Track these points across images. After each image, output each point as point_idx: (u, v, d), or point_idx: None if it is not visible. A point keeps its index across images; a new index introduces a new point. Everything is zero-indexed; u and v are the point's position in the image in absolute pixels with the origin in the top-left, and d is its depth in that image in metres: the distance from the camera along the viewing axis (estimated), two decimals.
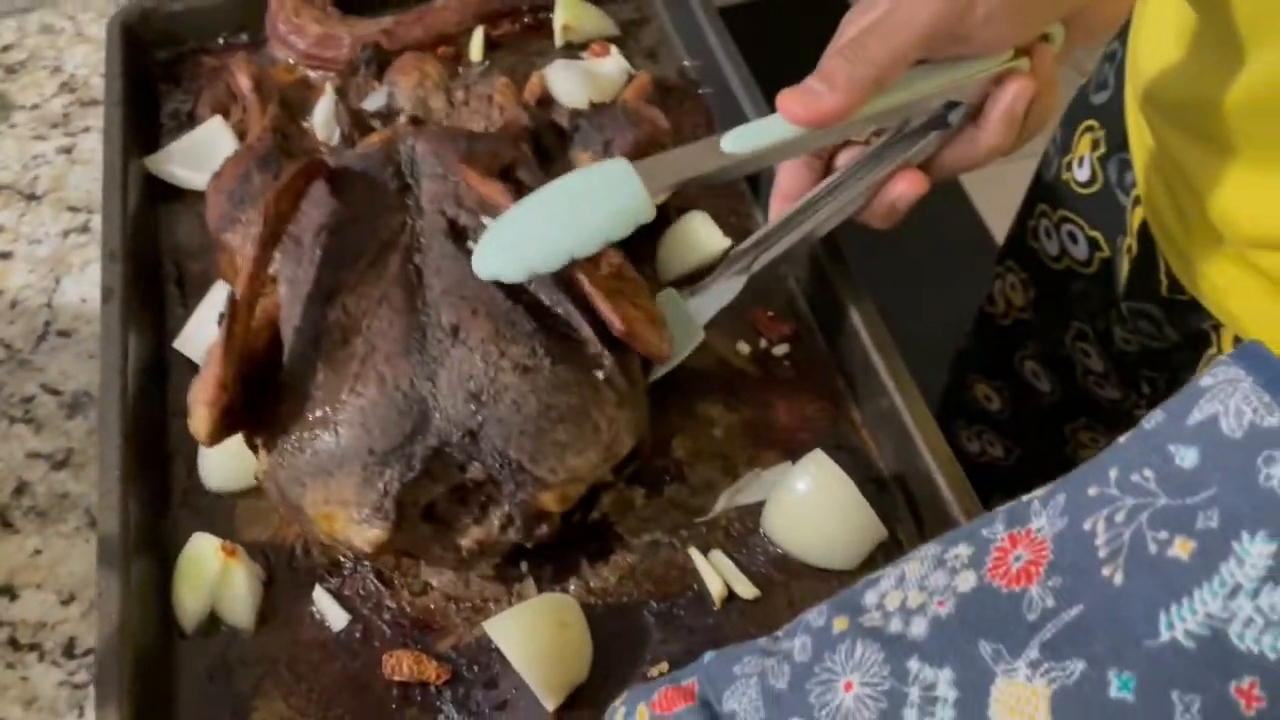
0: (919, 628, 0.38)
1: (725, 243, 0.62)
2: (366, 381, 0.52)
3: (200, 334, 0.62)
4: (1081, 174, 0.76)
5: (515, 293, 0.54)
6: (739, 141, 0.53)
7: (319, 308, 0.55)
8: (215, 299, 0.63)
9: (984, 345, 0.91)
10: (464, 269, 0.54)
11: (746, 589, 0.53)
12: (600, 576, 0.54)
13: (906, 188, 0.53)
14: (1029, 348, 0.87)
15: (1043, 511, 0.38)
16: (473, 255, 0.54)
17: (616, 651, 0.52)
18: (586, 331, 0.54)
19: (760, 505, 0.56)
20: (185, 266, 0.67)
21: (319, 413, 0.52)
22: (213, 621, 0.53)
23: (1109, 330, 0.79)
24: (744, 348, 0.62)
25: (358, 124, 0.71)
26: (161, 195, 0.70)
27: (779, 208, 0.58)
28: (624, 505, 0.57)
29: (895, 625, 0.39)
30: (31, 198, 0.72)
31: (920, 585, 0.40)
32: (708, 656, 0.45)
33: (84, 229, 0.70)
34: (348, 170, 0.61)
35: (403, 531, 0.52)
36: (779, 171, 0.58)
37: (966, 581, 0.38)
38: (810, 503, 0.53)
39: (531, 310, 0.54)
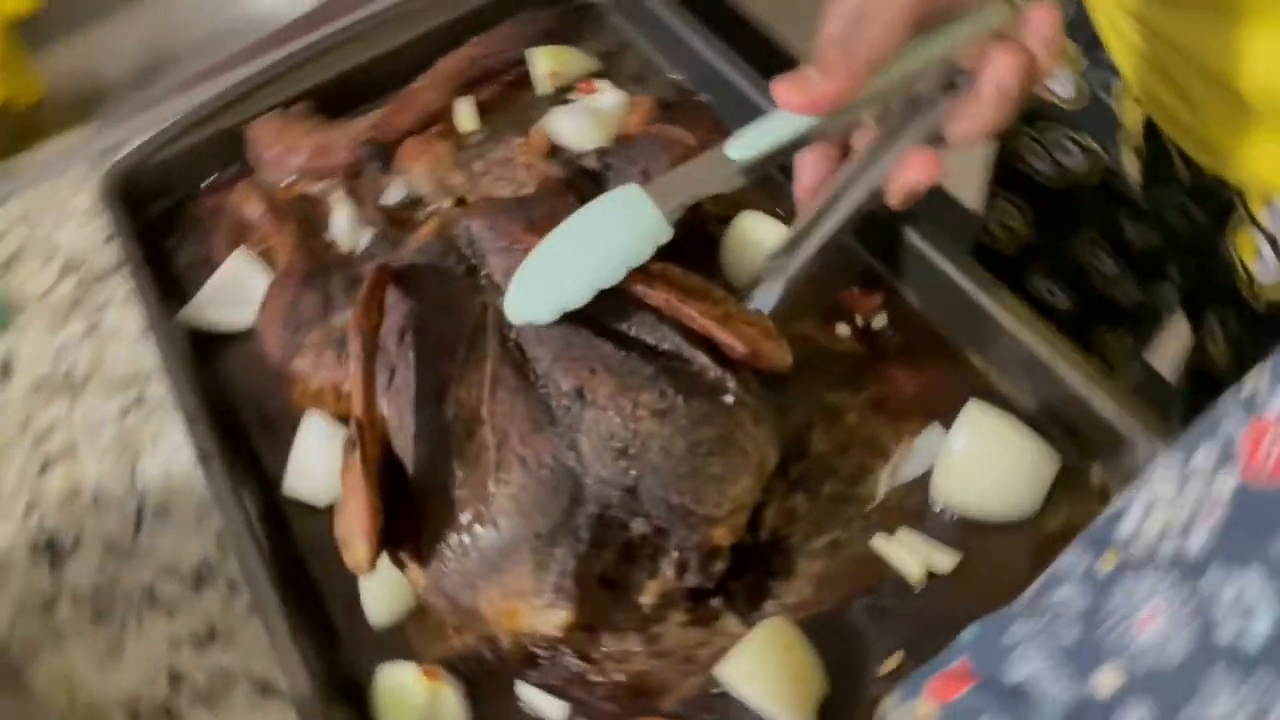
0: (1197, 545, 0.38)
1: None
2: (508, 468, 0.51)
3: (306, 472, 0.60)
4: (1064, 90, 0.77)
5: (624, 341, 0.54)
6: (744, 147, 0.54)
7: (431, 409, 0.54)
8: (309, 434, 0.61)
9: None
10: (564, 332, 0.54)
11: (943, 561, 0.53)
12: (795, 591, 0.53)
13: (920, 172, 0.52)
14: (1038, 267, 0.88)
15: (1276, 390, 0.38)
16: (505, 299, 0.54)
17: (842, 657, 0.51)
18: (701, 360, 0.53)
19: (925, 476, 0.55)
20: (263, 408, 0.65)
21: (470, 512, 0.51)
22: None
23: (1121, 232, 0.80)
24: (843, 330, 0.62)
25: (390, 221, 0.69)
26: (207, 345, 0.68)
27: (804, 201, 0.58)
28: (790, 516, 0.56)
29: (1168, 549, 0.39)
30: (73, 388, 0.69)
31: (1175, 504, 0.39)
32: (964, 636, 0.44)
33: (139, 401, 0.68)
34: (413, 267, 0.60)
35: (586, 606, 0.51)
36: (797, 164, 0.57)
37: (1226, 485, 0.38)
38: (977, 455, 0.53)
39: (644, 354, 0.53)
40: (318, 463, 0.60)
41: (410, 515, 0.53)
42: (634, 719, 0.50)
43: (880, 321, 0.62)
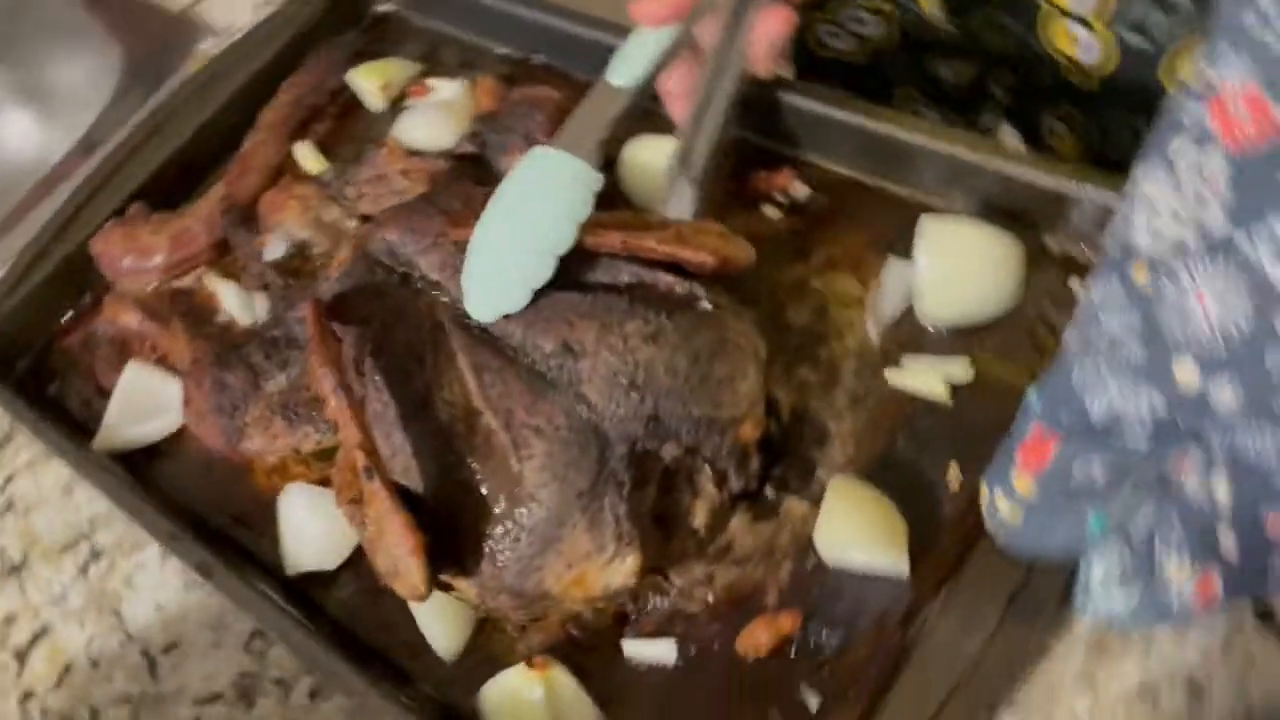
0: (1216, 218, 0.40)
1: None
2: (526, 443, 0.49)
3: (305, 543, 0.57)
4: None
5: (586, 289, 0.53)
6: (623, 72, 0.55)
7: (420, 421, 0.52)
8: (292, 506, 0.58)
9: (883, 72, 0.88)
10: None
11: (959, 371, 0.54)
12: (838, 453, 0.54)
13: (775, 25, 0.56)
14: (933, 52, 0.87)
15: (1218, 66, 0.40)
16: (467, 304, 0.53)
17: (907, 492, 0.51)
18: (665, 279, 0.53)
19: (908, 308, 0.57)
20: (229, 503, 0.60)
21: (503, 499, 0.49)
22: None
23: (936, 78, 0.83)
24: (771, 212, 0.63)
25: (285, 274, 0.66)
26: (140, 465, 0.63)
27: (680, 109, 0.59)
28: (801, 390, 0.56)
29: (1190, 234, 0.41)
30: (15, 569, 0.63)
31: (1176, 195, 0.42)
32: (1028, 403, 0.45)
33: (94, 554, 0.62)
34: (344, 294, 0.57)
35: (649, 546, 0.50)
36: (661, 79, 0.58)
37: (1215, 161, 0.40)
38: (946, 265, 0.55)
39: (611, 294, 0.53)
40: (312, 529, 0.57)
41: (437, 534, 0.50)
42: (745, 627, 0.50)
43: (800, 191, 0.63)
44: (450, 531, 0.50)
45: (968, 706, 0.44)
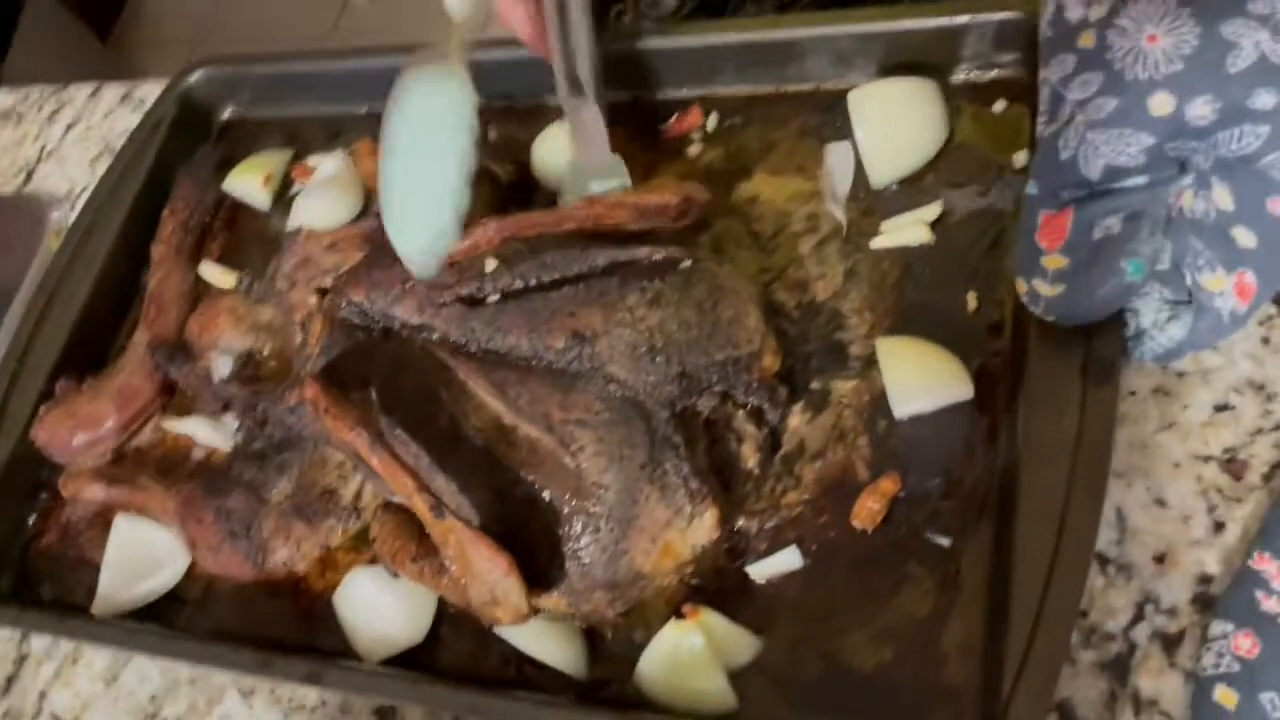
0: None
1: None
2: (572, 438, 0.50)
3: (385, 625, 0.55)
4: None
5: (570, 283, 0.54)
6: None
7: (459, 454, 0.51)
8: (357, 593, 0.56)
9: None
10: (519, 309, 0.53)
11: (932, 211, 0.57)
12: (860, 325, 0.56)
13: None
14: None
15: None
16: (408, 265, 0.53)
17: (934, 322, 0.54)
18: (640, 251, 0.55)
19: (856, 181, 0.60)
20: (283, 622, 0.58)
21: (569, 497, 0.49)
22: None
23: None
24: (696, 150, 0.65)
25: (245, 385, 0.64)
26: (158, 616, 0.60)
27: (535, 36, 0.59)
28: (800, 285, 0.58)
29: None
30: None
31: None
32: (1031, 192, 0.49)
33: None
34: (331, 365, 0.56)
35: (720, 497, 0.51)
36: (503, 14, 0.58)
37: None
38: (881, 126, 0.59)
39: (596, 279, 0.54)
40: (390, 608, 0.55)
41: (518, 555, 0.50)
42: (852, 506, 0.51)
43: (713, 122, 0.65)
44: (524, 551, 0.49)
45: (1088, 486, 0.46)
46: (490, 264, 0.54)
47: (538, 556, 0.49)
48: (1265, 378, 0.49)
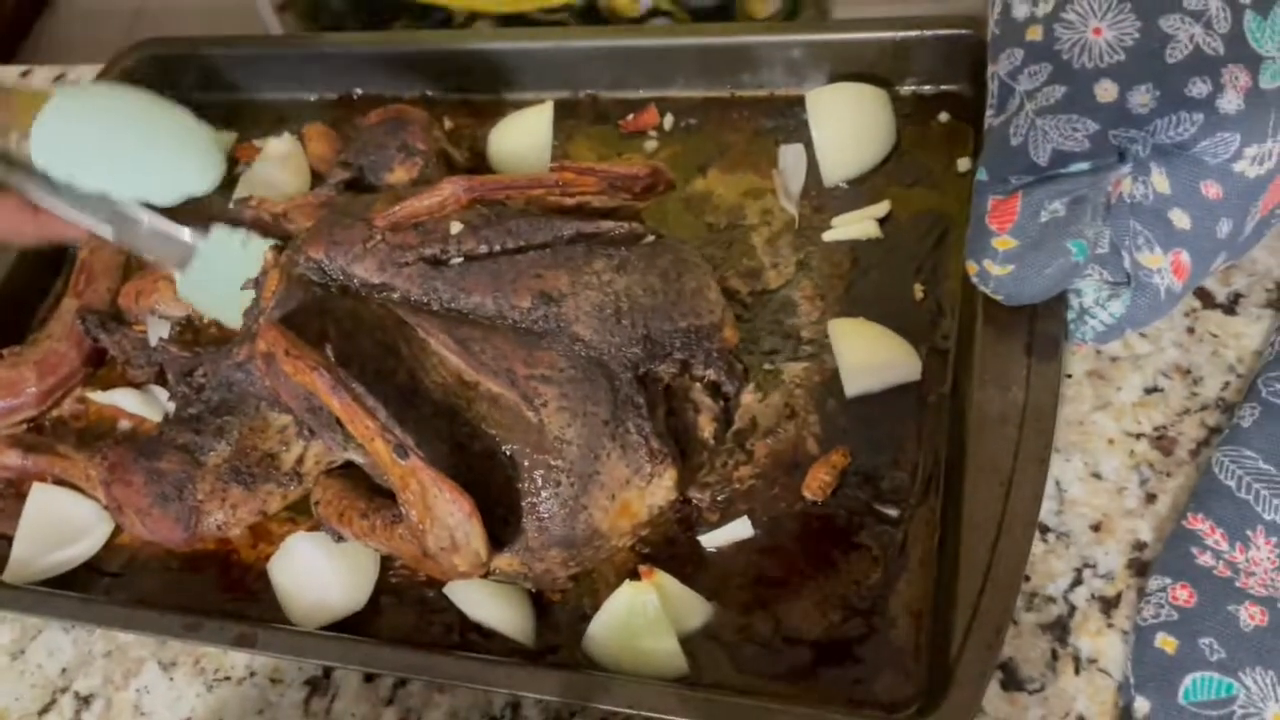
0: None
1: None
2: (535, 393, 0.50)
3: (329, 590, 0.53)
4: None
5: (539, 246, 0.54)
6: None
7: (418, 408, 0.51)
8: (295, 561, 0.54)
9: None
10: (484, 269, 0.53)
11: (880, 209, 0.60)
12: (813, 309, 0.58)
13: None
14: None
15: None
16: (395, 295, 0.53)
17: (882, 309, 0.56)
18: (605, 224, 0.55)
19: (807, 180, 0.62)
20: (217, 591, 0.56)
21: (531, 451, 0.49)
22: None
23: None
24: (652, 145, 0.67)
25: (186, 346, 0.61)
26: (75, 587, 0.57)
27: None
28: (755, 277, 0.60)
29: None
30: None
31: None
32: (981, 178, 0.51)
33: (86, 701, 0.55)
34: (287, 318, 0.55)
35: (679, 460, 0.51)
36: None
37: None
38: (837, 127, 0.61)
39: (563, 245, 0.54)
40: (328, 576, 0.53)
41: None
42: (802, 481, 0.52)
43: (670, 122, 0.67)
44: (481, 507, 0.48)
45: (1033, 453, 0.48)
46: (455, 226, 0.54)
47: (494, 513, 0.48)
48: (1191, 363, 0.52)
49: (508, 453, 0.49)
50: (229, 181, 0.72)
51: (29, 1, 2.25)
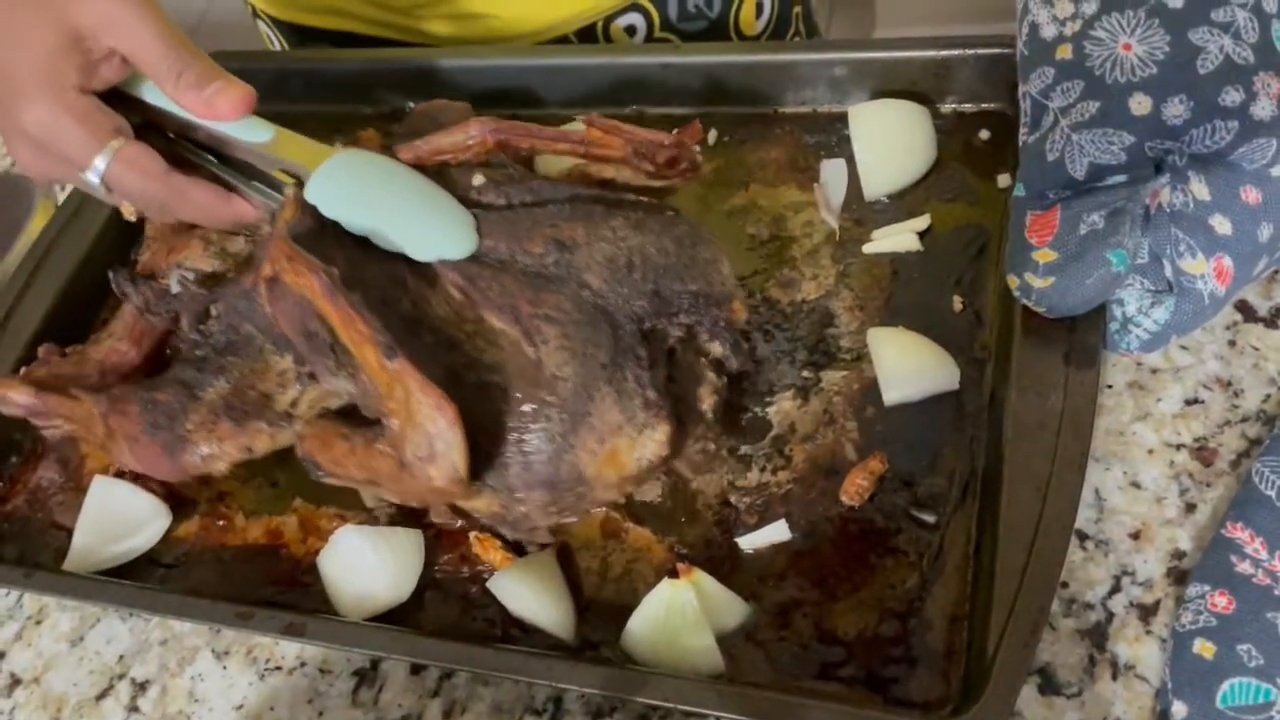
0: None
1: None
2: (538, 330, 0.49)
3: (376, 581, 0.55)
4: None
5: (555, 204, 0.54)
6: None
7: (418, 337, 0.50)
8: (348, 549, 0.55)
9: None
10: (499, 221, 0.53)
11: (921, 222, 0.61)
12: (852, 319, 0.59)
13: None
14: None
15: None
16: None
17: (921, 321, 0.57)
18: (626, 195, 0.56)
19: (848, 194, 0.63)
20: (266, 585, 0.57)
21: (525, 385, 0.48)
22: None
23: None
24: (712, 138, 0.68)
25: (208, 281, 0.62)
26: (132, 577, 0.59)
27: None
28: (795, 288, 0.61)
29: (1095, 6, 0.49)
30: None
31: None
32: (1018, 194, 0.52)
33: (141, 688, 0.57)
34: (298, 238, 0.52)
35: (674, 418, 0.50)
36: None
37: None
38: (878, 141, 0.62)
39: (581, 203, 0.54)
40: (375, 568, 0.54)
41: None
42: (841, 483, 0.53)
43: (714, 137, 0.69)
44: (469, 435, 0.46)
45: (1070, 460, 0.48)
46: (478, 178, 0.55)
47: (480, 446, 0.47)
48: (1232, 375, 0.52)
49: (501, 385, 0.49)
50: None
51: None
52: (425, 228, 0.53)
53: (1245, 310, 0.54)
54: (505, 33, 0.80)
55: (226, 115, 0.55)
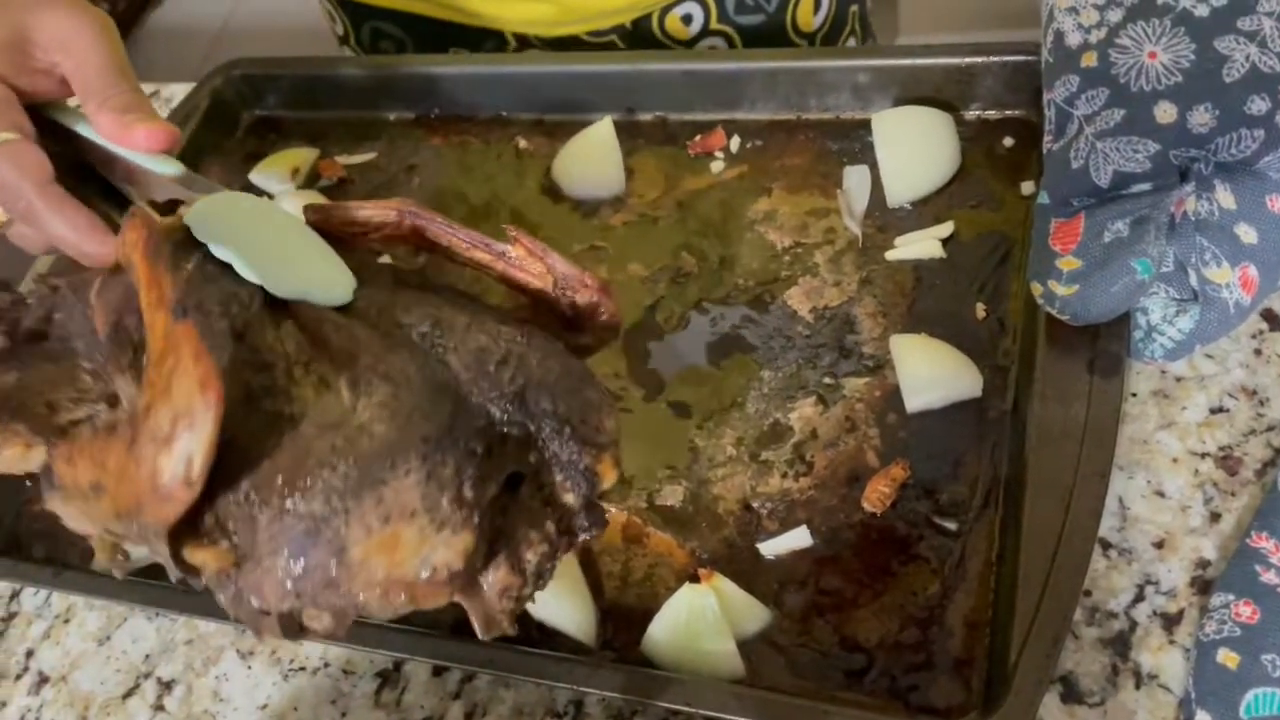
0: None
1: None
2: (369, 384, 0.40)
3: None
4: None
5: (439, 289, 0.48)
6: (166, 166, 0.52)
7: (234, 350, 0.41)
8: None
9: None
10: (388, 288, 0.47)
11: (944, 230, 0.61)
12: (875, 326, 0.59)
13: None
14: None
15: None
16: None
17: (944, 328, 0.57)
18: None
19: (871, 200, 0.63)
20: None
21: (323, 427, 0.39)
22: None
23: None
24: (718, 166, 0.68)
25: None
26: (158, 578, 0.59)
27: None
28: (818, 295, 0.61)
29: (1119, 15, 0.49)
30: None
31: None
32: (1043, 201, 0.52)
33: (167, 686, 0.58)
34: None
35: (481, 536, 0.39)
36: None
37: None
38: (903, 147, 0.62)
39: (488, 309, 0.47)
40: None
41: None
42: (862, 492, 0.53)
43: (736, 144, 0.69)
44: (232, 464, 0.38)
45: (1093, 467, 0.48)
46: (384, 259, 0.52)
47: (240, 473, 0.38)
48: (1257, 384, 0.52)
49: (295, 420, 0.40)
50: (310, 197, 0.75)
51: (119, 22, 2.35)
52: (291, 266, 0.47)
53: (1271, 319, 0.54)
54: (563, 18, 0.80)
55: (139, 142, 0.51)
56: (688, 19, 0.79)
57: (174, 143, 0.52)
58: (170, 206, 0.49)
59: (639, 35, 0.80)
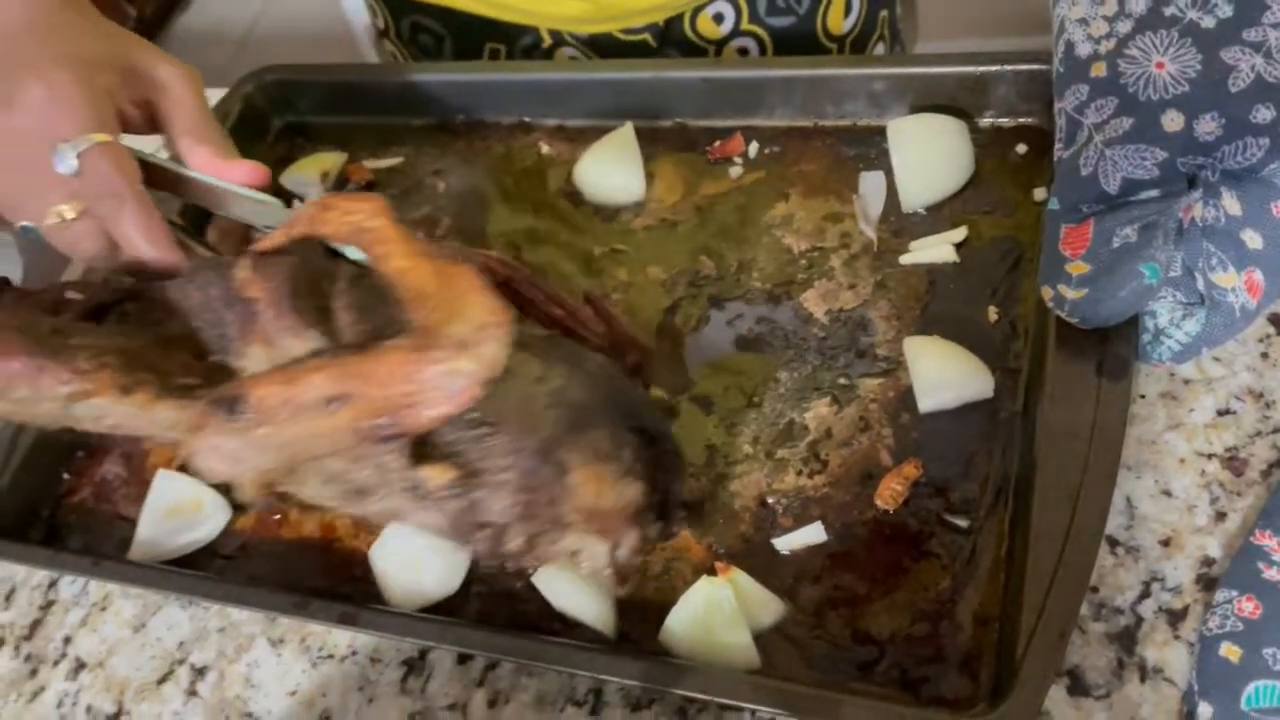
0: (1139, 5, 0.50)
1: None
2: (550, 358, 0.47)
3: (425, 574, 0.57)
4: None
5: None
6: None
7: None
8: (399, 543, 0.58)
9: None
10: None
11: (957, 234, 0.62)
12: (889, 328, 0.60)
13: None
14: None
15: None
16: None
17: (957, 330, 0.58)
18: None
19: (886, 205, 0.65)
20: (323, 575, 0.60)
21: (539, 386, 0.45)
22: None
23: None
24: (737, 170, 0.70)
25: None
26: (192, 568, 0.61)
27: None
28: (834, 297, 0.63)
29: (1128, 26, 0.51)
30: (113, 718, 0.59)
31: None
32: (1053, 207, 0.54)
33: (200, 673, 0.60)
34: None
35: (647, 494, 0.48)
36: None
37: None
38: (918, 153, 0.64)
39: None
40: (425, 562, 0.56)
41: None
42: (875, 488, 0.54)
43: (754, 150, 0.71)
44: None
45: (1101, 468, 0.49)
46: None
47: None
48: (1264, 387, 0.53)
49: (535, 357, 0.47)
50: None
51: (145, 29, 2.40)
52: None
53: (1278, 323, 0.55)
54: (597, 15, 0.81)
55: (240, 176, 0.57)
56: (719, 18, 0.81)
57: (266, 180, 0.57)
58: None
59: (671, 34, 0.82)
